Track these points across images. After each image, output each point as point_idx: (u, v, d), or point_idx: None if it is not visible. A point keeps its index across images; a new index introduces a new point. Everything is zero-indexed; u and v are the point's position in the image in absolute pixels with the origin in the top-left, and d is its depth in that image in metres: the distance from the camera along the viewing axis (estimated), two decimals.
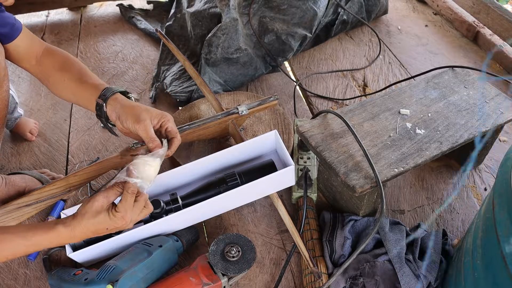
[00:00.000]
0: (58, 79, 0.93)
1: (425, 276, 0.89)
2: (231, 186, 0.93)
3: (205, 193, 0.94)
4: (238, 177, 0.94)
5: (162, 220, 0.92)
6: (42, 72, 0.96)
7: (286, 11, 1.48)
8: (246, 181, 0.93)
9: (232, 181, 0.93)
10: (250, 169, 0.96)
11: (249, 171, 0.95)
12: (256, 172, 0.94)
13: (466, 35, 1.74)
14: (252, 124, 1.22)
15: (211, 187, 0.94)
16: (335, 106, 1.42)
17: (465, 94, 1.10)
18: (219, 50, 1.39)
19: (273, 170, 0.94)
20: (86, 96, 0.90)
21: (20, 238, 0.75)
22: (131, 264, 0.86)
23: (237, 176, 0.94)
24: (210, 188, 0.94)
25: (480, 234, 0.73)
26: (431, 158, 0.95)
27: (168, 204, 0.93)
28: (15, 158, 1.23)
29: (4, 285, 0.95)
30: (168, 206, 0.92)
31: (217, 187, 0.94)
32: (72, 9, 1.89)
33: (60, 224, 0.77)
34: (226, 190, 0.93)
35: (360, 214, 1.01)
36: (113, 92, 0.87)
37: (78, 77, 0.92)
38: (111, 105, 0.86)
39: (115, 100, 0.86)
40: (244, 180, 0.93)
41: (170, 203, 0.93)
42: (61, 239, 0.77)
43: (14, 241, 0.74)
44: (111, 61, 1.61)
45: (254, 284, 0.96)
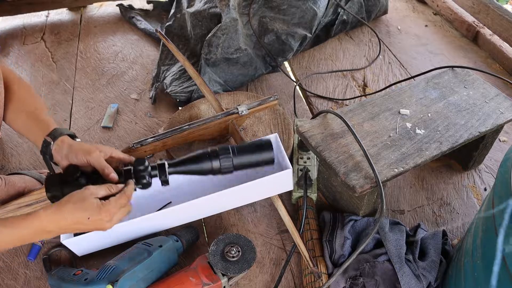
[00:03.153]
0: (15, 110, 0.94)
1: (425, 276, 0.89)
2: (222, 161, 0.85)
3: (194, 164, 0.86)
4: (231, 151, 0.86)
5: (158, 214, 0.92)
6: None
7: (286, 11, 1.48)
8: (239, 158, 0.86)
9: (225, 155, 0.86)
10: (246, 146, 0.89)
11: (245, 147, 0.88)
12: (252, 150, 0.88)
13: (466, 35, 1.74)
14: (252, 124, 1.22)
15: (202, 158, 0.86)
16: (335, 106, 1.42)
17: (465, 94, 1.10)
18: (219, 50, 1.39)
19: (270, 150, 0.88)
20: (35, 131, 0.91)
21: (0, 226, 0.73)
22: (131, 264, 0.86)
23: (230, 151, 0.86)
24: (201, 159, 0.86)
25: (480, 234, 0.73)
26: (431, 158, 0.95)
27: (154, 169, 0.85)
28: (15, 158, 1.23)
29: (4, 285, 0.95)
30: (154, 170, 0.85)
31: (208, 159, 0.86)
32: (72, 9, 1.90)
33: (41, 209, 0.75)
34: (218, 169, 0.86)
35: (360, 214, 1.01)
36: (62, 133, 0.89)
37: (31, 110, 0.94)
38: (58, 145, 0.87)
39: (62, 142, 0.87)
40: (237, 155, 0.86)
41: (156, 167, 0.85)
42: (42, 224, 0.75)
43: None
44: (111, 61, 1.61)
45: (254, 284, 0.96)
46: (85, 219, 0.76)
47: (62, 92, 1.47)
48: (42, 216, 0.75)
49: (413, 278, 0.89)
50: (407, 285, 0.88)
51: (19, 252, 1.01)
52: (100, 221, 0.77)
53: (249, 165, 0.88)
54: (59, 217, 0.75)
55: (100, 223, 0.78)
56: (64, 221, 0.75)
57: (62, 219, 0.75)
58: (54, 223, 0.75)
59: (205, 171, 0.87)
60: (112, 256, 0.91)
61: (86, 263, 0.98)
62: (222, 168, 0.86)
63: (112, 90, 1.48)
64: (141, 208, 1.01)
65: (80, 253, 0.96)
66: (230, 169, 0.87)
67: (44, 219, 0.75)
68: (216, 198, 0.92)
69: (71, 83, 1.51)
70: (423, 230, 0.99)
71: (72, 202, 0.76)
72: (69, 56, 1.63)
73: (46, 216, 0.75)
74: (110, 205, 0.78)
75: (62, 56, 1.63)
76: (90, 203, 0.76)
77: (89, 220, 0.76)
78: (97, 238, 0.92)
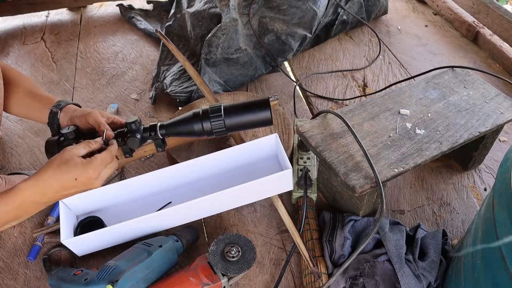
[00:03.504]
0: (10, 92, 0.95)
1: (425, 276, 0.89)
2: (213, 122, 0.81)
3: (185, 125, 0.83)
4: (222, 111, 0.81)
5: (158, 214, 0.92)
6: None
7: (286, 11, 1.48)
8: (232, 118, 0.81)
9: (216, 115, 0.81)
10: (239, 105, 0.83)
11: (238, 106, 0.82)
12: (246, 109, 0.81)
13: (466, 35, 1.74)
14: None
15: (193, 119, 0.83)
16: (335, 106, 1.42)
17: (465, 94, 1.10)
18: (219, 50, 1.39)
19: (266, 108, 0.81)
20: (40, 107, 0.92)
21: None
22: (131, 264, 0.86)
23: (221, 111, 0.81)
24: (191, 120, 0.83)
25: (480, 234, 0.73)
26: (431, 158, 0.95)
27: (146, 131, 0.84)
28: (15, 158, 1.23)
29: (4, 285, 0.95)
30: (146, 132, 0.84)
31: (199, 120, 0.82)
32: (72, 9, 1.90)
33: (21, 182, 0.73)
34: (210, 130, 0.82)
35: (360, 214, 1.01)
36: (67, 103, 0.91)
37: (30, 89, 0.96)
38: (64, 112, 0.89)
39: (68, 108, 0.90)
40: (229, 116, 0.81)
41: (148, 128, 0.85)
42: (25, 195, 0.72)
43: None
44: (111, 61, 1.61)
45: (254, 284, 0.96)
46: (72, 181, 0.73)
47: (62, 92, 1.47)
48: (23, 187, 0.72)
49: (413, 278, 0.89)
50: (407, 285, 0.88)
51: (19, 252, 1.01)
52: (88, 180, 0.75)
53: (243, 126, 0.83)
54: (43, 185, 0.72)
55: (88, 182, 0.75)
56: (49, 188, 0.73)
57: (47, 187, 0.72)
58: (38, 192, 0.72)
59: (197, 133, 0.83)
60: (112, 256, 0.91)
61: (86, 263, 0.98)
62: (213, 129, 0.82)
63: (112, 90, 1.48)
64: (141, 208, 1.01)
65: (80, 253, 0.96)
66: (223, 130, 0.82)
67: (26, 190, 0.72)
68: (216, 198, 0.92)
69: (71, 83, 1.51)
70: (423, 230, 0.99)
71: (54, 167, 0.73)
72: (69, 56, 1.63)
73: (27, 186, 0.72)
74: (96, 161, 0.76)
75: (62, 56, 1.63)
76: (74, 163, 0.73)
77: (76, 181, 0.73)
78: (97, 238, 0.92)
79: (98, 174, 0.77)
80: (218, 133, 0.84)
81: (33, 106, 0.94)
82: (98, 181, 0.78)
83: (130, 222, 0.90)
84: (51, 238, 1.02)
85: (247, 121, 0.83)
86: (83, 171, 0.74)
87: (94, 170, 0.76)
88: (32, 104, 0.94)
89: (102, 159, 0.78)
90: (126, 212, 1.01)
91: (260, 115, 0.82)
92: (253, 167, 1.05)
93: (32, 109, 0.94)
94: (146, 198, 1.03)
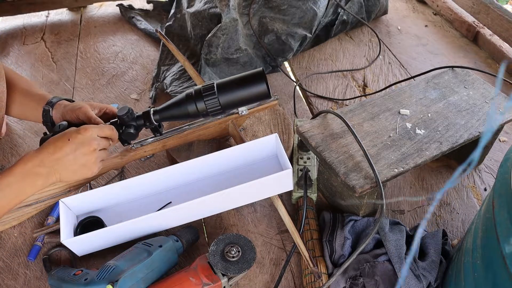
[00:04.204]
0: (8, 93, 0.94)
1: (425, 276, 0.89)
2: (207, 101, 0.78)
3: (179, 107, 0.81)
4: (216, 89, 0.77)
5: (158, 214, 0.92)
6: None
7: (286, 11, 1.48)
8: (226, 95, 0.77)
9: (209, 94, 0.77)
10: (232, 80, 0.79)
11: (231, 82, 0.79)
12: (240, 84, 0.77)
13: (466, 35, 1.74)
14: (252, 124, 1.22)
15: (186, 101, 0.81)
16: (335, 106, 1.42)
17: (465, 94, 1.10)
18: (219, 50, 1.39)
19: (261, 81, 0.78)
20: (33, 105, 0.93)
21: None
22: (131, 264, 0.86)
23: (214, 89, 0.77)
24: (184, 102, 0.81)
25: (480, 234, 0.73)
26: (431, 158, 0.95)
27: (139, 119, 0.82)
28: (15, 158, 1.23)
29: (4, 285, 0.95)
30: (139, 120, 0.82)
31: (192, 101, 0.79)
32: (72, 9, 1.90)
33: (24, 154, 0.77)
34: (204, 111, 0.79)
35: (360, 214, 1.01)
36: (59, 99, 0.91)
37: (26, 89, 0.96)
38: (56, 109, 0.90)
39: (59, 105, 0.91)
40: (223, 93, 0.77)
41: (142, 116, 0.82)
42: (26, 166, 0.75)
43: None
44: (111, 61, 1.61)
45: (254, 284, 0.96)
46: (66, 142, 0.75)
47: (62, 92, 1.47)
48: (24, 158, 0.75)
49: (413, 278, 0.89)
50: (407, 285, 0.88)
51: (19, 252, 1.01)
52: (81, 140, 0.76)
53: (239, 103, 0.79)
54: (41, 150, 0.75)
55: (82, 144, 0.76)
56: (46, 154, 0.75)
57: (44, 151, 0.75)
58: (36, 158, 0.75)
59: (191, 115, 0.81)
60: (112, 256, 0.91)
61: (86, 263, 0.98)
62: (208, 109, 0.78)
63: (112, 90, 1.48)
64: (141, 208, 1.01)
65: (80, 253, 0.96)
66: (218, 109, 0.79)
67: (25, 158, 0.75)
68: (216, 198, 0.92)
69: (71, 83, 1.51)
70: (423, 230, 0.99)
71: (52, 138, 0.78)
72: (69, 56, 1.63)
73: (27, 156, 0.75)
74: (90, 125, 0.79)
75: (62, 56, 1.63)
76: (68, 130, 0.78)
77: (70, 142, 0.75)
78: (97, 238, 0.92)
79: (91, 135, 0.77)
80: (214, 113, 0.80)
81: (29, 106, 0.94)
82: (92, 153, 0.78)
83: (130, 222, 0.90)
84: (51, 238, 1.02)
85: (243, 96, 0.78)
86: (76, 131, 0.76)
87: (85, 129, 0.77)
88: (28, 104, 0.94)
89: (97, 126, 0.79)
90: (126, 212, 1.01)
91: (255, 88, 0.78)
92: (253, 167, 1.05)
93: (28, 109, 0.94)
94: (146, 198, 1.03)
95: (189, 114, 0.82)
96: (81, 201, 0.97)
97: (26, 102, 0.95)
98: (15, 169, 0.75)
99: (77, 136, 0.76)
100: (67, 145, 0.76)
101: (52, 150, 0.75)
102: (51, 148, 0.75)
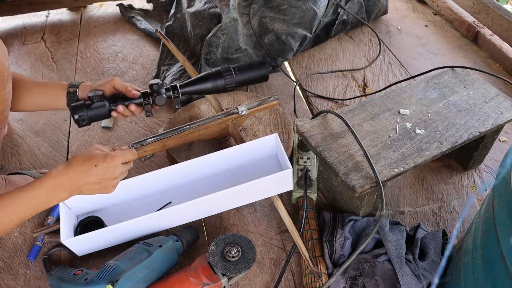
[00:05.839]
0: (16, 89, 0.97)
1: (425, 276, 0.89)
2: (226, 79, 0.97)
3: (202, 83, 0.97)
4: (233, 71, 0.98)
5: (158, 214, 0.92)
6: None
7: (286, 11, 1.48)
8: (240, 75, 0.98)
9: (228, 74, 0.97)
10: (244, 65, 1.00)
11: (243, 66, 0.99)
12: (250, 68, 0.99)
13: (466, 35, 1.74)
14: (252, 124, 1.22)
15: (209, 77, 0.97)
16: (335, 106, 1.42)
17: (465, 94, 1.10)
18: (219, 50, 1.39)
19: (265, 67, 1.00)
20: (52, 92, 0.98)
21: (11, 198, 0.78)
22: (131, 264, 0.86)
23: (232, 71, 0.98)
24: (207, 79, 0.97)
25: (480, 234, 0.73)
26: (431, 158, 0.95)
27: (168, 90, 0.95)
28: (15, 158, 1.23)
29: (4, 285, 0.95)
30: (168, 92, 0.95)
31: (214, 78, 0.97)
32: (72, 9, 1.90)
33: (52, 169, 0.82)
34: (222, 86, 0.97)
35: (360, 214, 1.01)
36: (79, 82, 0.98)
37: (36, 82, 1.01)
38: (82, 90, 0.96)
39: (84, 86, 0.97)
40: (238, 74, 0.98)
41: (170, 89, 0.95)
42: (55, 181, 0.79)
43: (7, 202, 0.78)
44: (111, 61, 1.61)
45: (254, 284, 0.96)
46: (93, 167, 0.80)
47: None
48: (53, 172, 0.80)
49: (413, 278, 0.89)
50: (407, 285, 0.88)
51: (19, 252, 1.01)
52: (106, 168, 0.81)
53: (248, 81, 1.00)
54: (69, 170, 0.80)
55: (107, 171, 0.82)
56: (74, 173, 0.80)
57: (72, 171, 0.80)
58: (65, 176, 0.80)
59: (211, 90, 0.98)
60: (112, 256, 0.91)
61: (86, 263, 0.98)
62: (226, 85, 0.97)
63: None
64: (141, 208, 1.01)
65: (80, 253, 0.96)
66: (233, 86, 0.98)
67: (55, 174, 0.80)
68: (216, 198, 0.92)
69: None
70: (423, 230, 0.99)
71: (80, 155, 0.82)
72: (69, 56, 1.63)
73: (57, 171, 0.80)
74: (115, 153, 0.83)
75: (62, 56, 1.63)
76: (96, 153, 0.82)
77: (96, 168, 0.80)
78: (97, 238, 0.92)
79: (116, 164, 0.82)
80: (229, 88, 0.99)
81: (43, 94, 0.99)
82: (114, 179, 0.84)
83: (130, 222, 0.90)
84: (51, 238, 1.02)
85: (251, 76, 0.99)
86: (103, 159, 0.81)
87: (112, 158, 0.82)
88: (42, 92, 0.99)
89: (122, 153, 0.84)
90: (126, 212, 1.01)
91: (259, 72, 1.00)
92: (253, 167, 1.05)
93: (43, 97, 0.99)
94: (146, 198, 1.03)
95: (209, 89, 0.98)
96: (81, 201, 0.97)
97: (41, 92, 0.99)
98: (45, 182, 0.80)
99: (103, 164, 0.81)
100: (93, 170, 0.81)
101: (80, 171, 0.80)
102: (79, 169, 0.80)
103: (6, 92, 0.91)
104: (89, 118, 0.90)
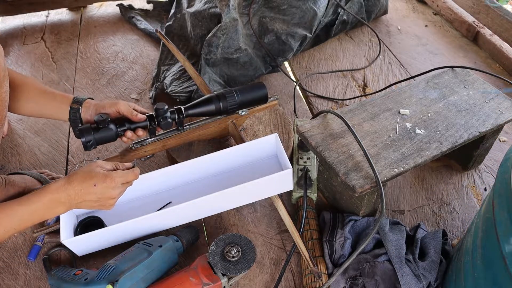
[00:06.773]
0: (20, 92, 0.97)
1: (425, 276, 0.89)
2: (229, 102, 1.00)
3: (205, 106, 0.99)
4: (234, 93, 1.01)
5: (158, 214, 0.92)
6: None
7: (286, 11, 1.48)
8: (242, 96, 1.01)
9: (231, 96, 1.00)
10: (245, 88, 1.03)
11: (244, 89, 1.03)
12: (250, 90, 1.03)
13: (466, 35, 1.74)
14: (252, 124, 1.22)
15: (212, 100, 0.99)
16: (335, 106, 1.42)
17: (465, 94, 1.10)
18: (219, 50, 1.39)
19: (264, 88, 1.03)
20: (57, 104, 0.97)
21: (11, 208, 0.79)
22: (131, 264, 0.86)
23: (233, 93, 1.01)
24: (211, 101, 0.99)
25: (480, 234, 0.73)
26: (431, 158, 0.95)
27: (173, 113, 0.96)
28: (15, 158, 1.23)
29: (4, 285, 0.95)
30: (173, 115, 0.96)
31: (217, 100, 0.99)
32: (72, 9, 1.90)
33: (52, 182, 0.82)
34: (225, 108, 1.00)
35: (360, 214, 1.01)
36: (83, 99, 0.97)
37: (41, 89, 1.00)
38: (86, 107, 0.96)
39: (88, 103, 0.96)
40: (240, 96, 1.00)
41: (175, 111, 0.97)
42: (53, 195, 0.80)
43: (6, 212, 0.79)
44: (111, 61, 1.61)
45: (254, 284, 0.96)
46: (92, 187, 0.81)
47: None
48: (52, 187, 0.81)
49: (413, 278, 0.89)
50: (407, 285, 0.88)
51: (19, 252, 1.01)
52: (105, 188, 0.81)
53: (249, 103, 1.03)
54: (69, 187, 0.80)
55: (106, 191, 0.82)
56: (72, 190, 0.80)
57: (71, 188, 0.80)
58: (64, 192, 0.80)
59: (214, 112, 1.00)
60: (112, 256, 0.91)
61: (86, 263, 0.98)
62: (229, 106, 1.00)
63: (112, 90, 1.48)
64: (141, 208, 1.01)
65: (80, 253, 0.96)
66: (235, 107, 1.01)
67: (54, 189, 0.80)
68: (216, 198, 0.92)
69: (71, 83, 1.51)
70: (423, 230, 0.99)
71: (80, 172, 0.82)
72: (69, 56, 1.63)
73: (57, 186, 0.81)
74: (116, 173, 0.83)
75: (62, 56, 1.63)
76: (96, 171, 0.82)
77: (95, 187, 0.81)
78: (97, 238, 0.92)
79: (116, 184, 0.82)
80: (230, 110, 1.02)
81: (48, 105, 0.99)
82: (113, 199, 0.84)
83: (130, 222, 0.90)
84: (51, 238, 1.02)
85: (252, 97, 1.03)
86: (102, 179, 0.81)
87: (112, 180, 0.82)
88: (47, 103, 0.99)
89: (123, 174, 0.84)
90: (126, 212, 1.01)
91: (259, 93, 1.03)
92: (253, 167, 1.05)
93: (48, 108, 0.99)
94: (146, 198, 1.03)
95: (212, 111, 1.00)
96: None
97: (45, 101, 0.98)
98: (44, 197, 0.80)
99: (103, 184, 0.81)
100: (92, 189, 0.81)
101: (79, 189, 0.81)
102: (78, 186, 0.81)
103: (3, 91, 0.91)
104: (97, 142, 0.91)
